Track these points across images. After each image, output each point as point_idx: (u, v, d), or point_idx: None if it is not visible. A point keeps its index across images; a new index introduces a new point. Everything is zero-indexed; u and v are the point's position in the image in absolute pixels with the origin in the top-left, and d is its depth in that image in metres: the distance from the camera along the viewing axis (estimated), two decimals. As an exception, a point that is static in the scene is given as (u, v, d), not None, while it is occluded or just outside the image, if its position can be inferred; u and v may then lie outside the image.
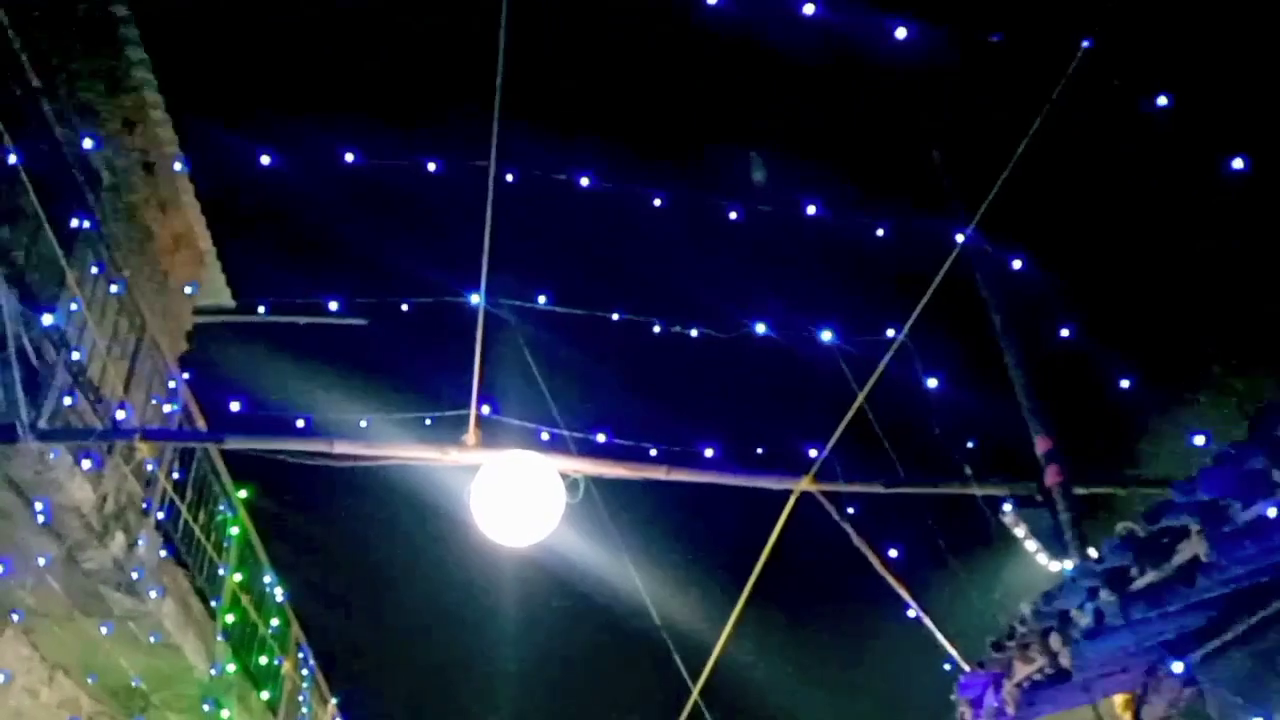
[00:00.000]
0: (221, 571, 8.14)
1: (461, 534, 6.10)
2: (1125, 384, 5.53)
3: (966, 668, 5.35)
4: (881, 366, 5.17)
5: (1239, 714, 4.14)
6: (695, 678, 8.91)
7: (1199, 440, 4.34)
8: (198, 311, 9.80)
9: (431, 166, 5.34)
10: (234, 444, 5.64)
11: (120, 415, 6.18)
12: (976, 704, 4.89)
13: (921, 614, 5.43)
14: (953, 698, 5.05)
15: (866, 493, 6.13)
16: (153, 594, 6.72)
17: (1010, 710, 4.61)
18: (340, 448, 5.43)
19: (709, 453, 5.68)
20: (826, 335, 5.53)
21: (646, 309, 5.80)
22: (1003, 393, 5.99)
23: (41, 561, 5.88)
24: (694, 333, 5.80)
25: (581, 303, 5.63)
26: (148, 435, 6.04)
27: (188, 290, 8.80)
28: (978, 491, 6.18)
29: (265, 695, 8.90)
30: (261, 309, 9.57)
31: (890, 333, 5.27)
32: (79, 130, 6.84)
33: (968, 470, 5.98)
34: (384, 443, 5.62)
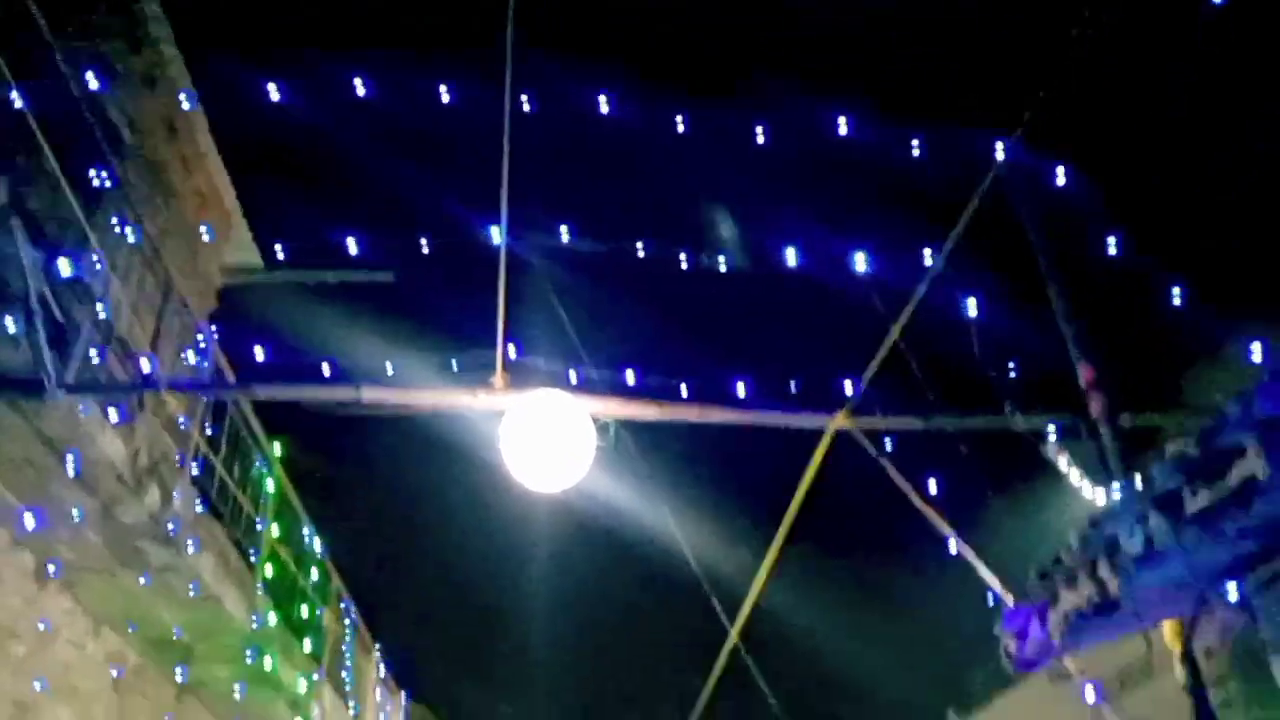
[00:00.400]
0: (259, 525, 8.19)
1: (496, 481, 6.04)
2: (1176, 302, 5.29)
3: (1010, 602, 5.23)
4: (919, 294, 4.99)
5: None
6: (733, 621, 8.88)
7: (1256, 354, 4.14)
8: (225, 271, 9.80)
9: (446, 98, 5.20)
10: (262, 394, 5.62)
11: (147, 369, 6.16)
12: (1021, 636, 4.77)
13: (963, 546, 5.31)
14: (996, 631, 4.93)
15: (904, 429, 5.99)
16: (190, 547, 6.75)
17: (1056, 640, 4.48)
18: (368, 395, 5.38)
19: (741, 389, 5.56)
20: (860, 262, 5.35)
21: (674, 242, 5.65)
22: (1045, 321, 5.79)
23: (76, 515, 5.91)
24: (722, 265, 5.66)
25: (607, 237, 5.50)
26: (175, 387, 6.02)
27: (214, 247, 8.77)
28: (1020, 425, 6.02)
29: (308, 646, 8.99)
30: (288, 267, 9.53)
31: (927, 258, 5.08)
32: (98, 85, 6.77)
33: (1009, 408, 5.81)
34: (412, 389, 5.56)
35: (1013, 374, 5.67)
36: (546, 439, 5.30)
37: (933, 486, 5.66)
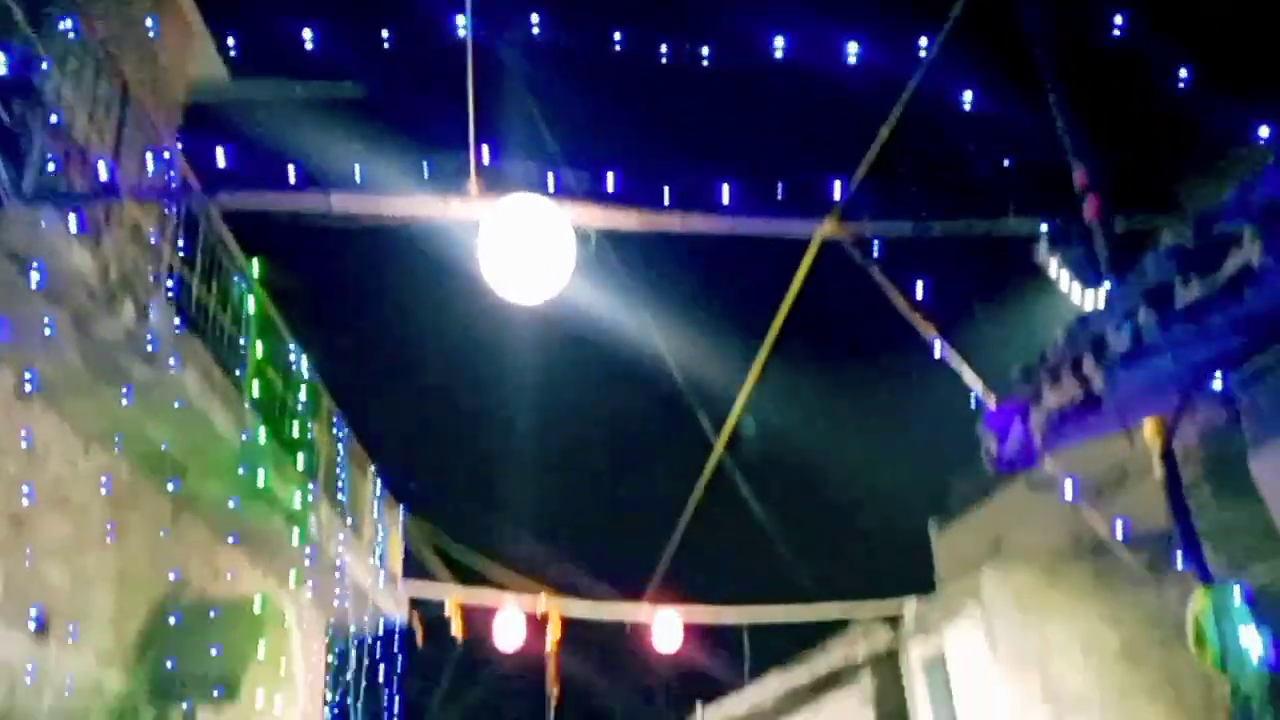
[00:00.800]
0: (242, 344, 8.13)
1: (481, 294, 5.92)
2: (1181, 86, 5.04)
3: (993, 405, 5.24)
4: (912, 85, 4.74)
5: (1278, 426, 3.99)
6: (719, 433, 9.01)
7: (1264, 132, 3.96)
8: (190, 85, 9.39)
9: None
10: (230, 203, 5.42)
11: (107, 177, 5.93)
12: (1002, 436, 4.79)
13: (948, 350, 5.27)
14: (978, 431, 4.95)
15: (893, 235, 5.85)
16: (172, 363, 6.71)
17: (1038, 439, 4.50)
18: (338, 204, 5.20)
19: (726, 194, 5.37)
20: (851, 53, 5.05)
21: (652, 33, 5.32)
22: (1041, 119, 5.55)
23: (48, 330, 5.81)
24: (705, 57, 5.35)
25: (581, 28, 5.17)
26: (139, 196, 5.81)
27: (176, 57, 8.36)
28: (1012, 229, 5.88)
29: (301, 463, 9.11)
30: (254, 78, 9.13)
31: (923, 48, 4.80)
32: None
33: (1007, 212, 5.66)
34: (384, 197, 5.37)
35: (1005, 175, 5.49)
36: (524, 248, 5.15)
37: (920, 292, 5.57)
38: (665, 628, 13.66)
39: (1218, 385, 4.12)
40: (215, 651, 7.85)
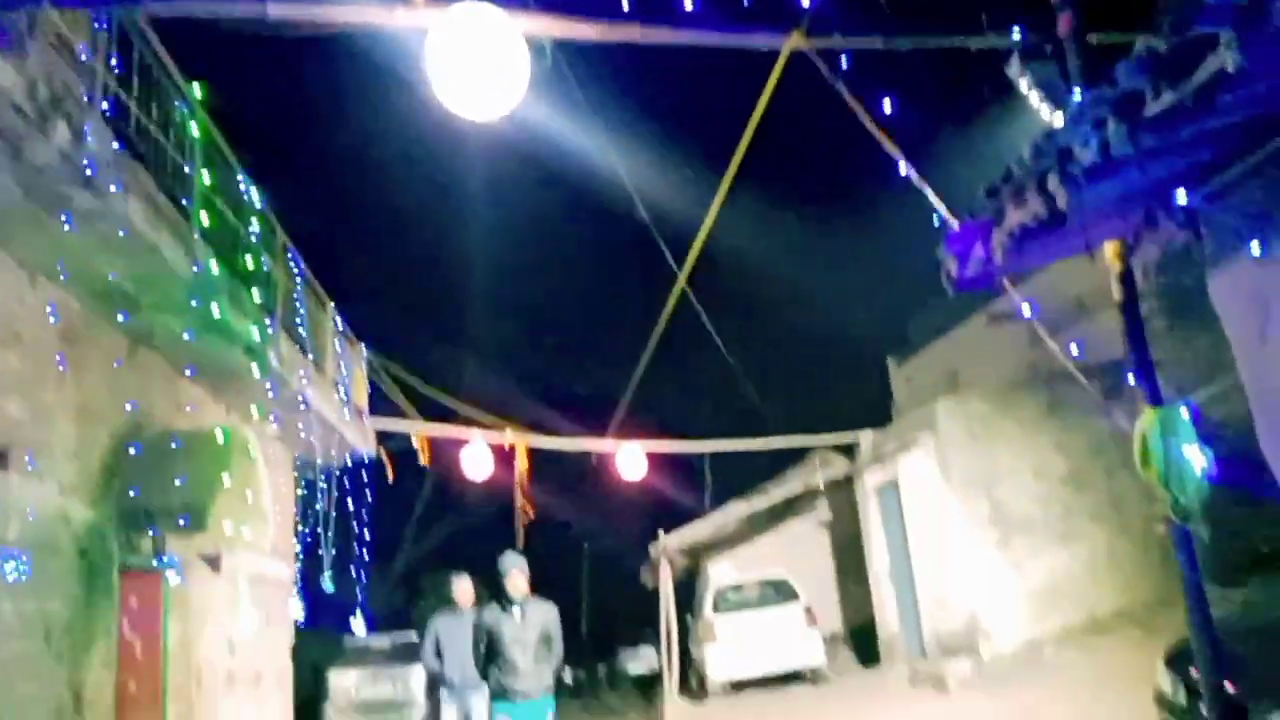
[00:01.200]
0: (188, 171, 7.83)
1: (434, 115, 5.66)
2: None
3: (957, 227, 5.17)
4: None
5: (1239, 244, 3.98)
6: (681, 264, 8.93)
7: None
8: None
9: None
10: (159, 8, 5.07)
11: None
12: (963, 258, 4.74)
13: (912, 172, 5.16)
14: (939, 254, 4.89)
15: (862, 48, 5.64)
16: (114, 190, 6.45)
17: (998, 259, 4.44)
18: (275, 10, 4.87)
19: (689, 2, 5.11)
20: None
21: None
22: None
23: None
24: None
25: None
26: (61, 3, 5.43)
27: None
28: (984, 43, 5.69)
29: (257, 296, 8.96)
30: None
31: None
32: None
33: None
34: (323, 4, 5.04)
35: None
36: (474, 60, 4.89)
37: (887, 107, 5.40)
38: (629, 458, 13.97)
39: (1183, 200, 4.06)
40: (180, 482, 7.90)
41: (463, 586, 9.67)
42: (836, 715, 12.55)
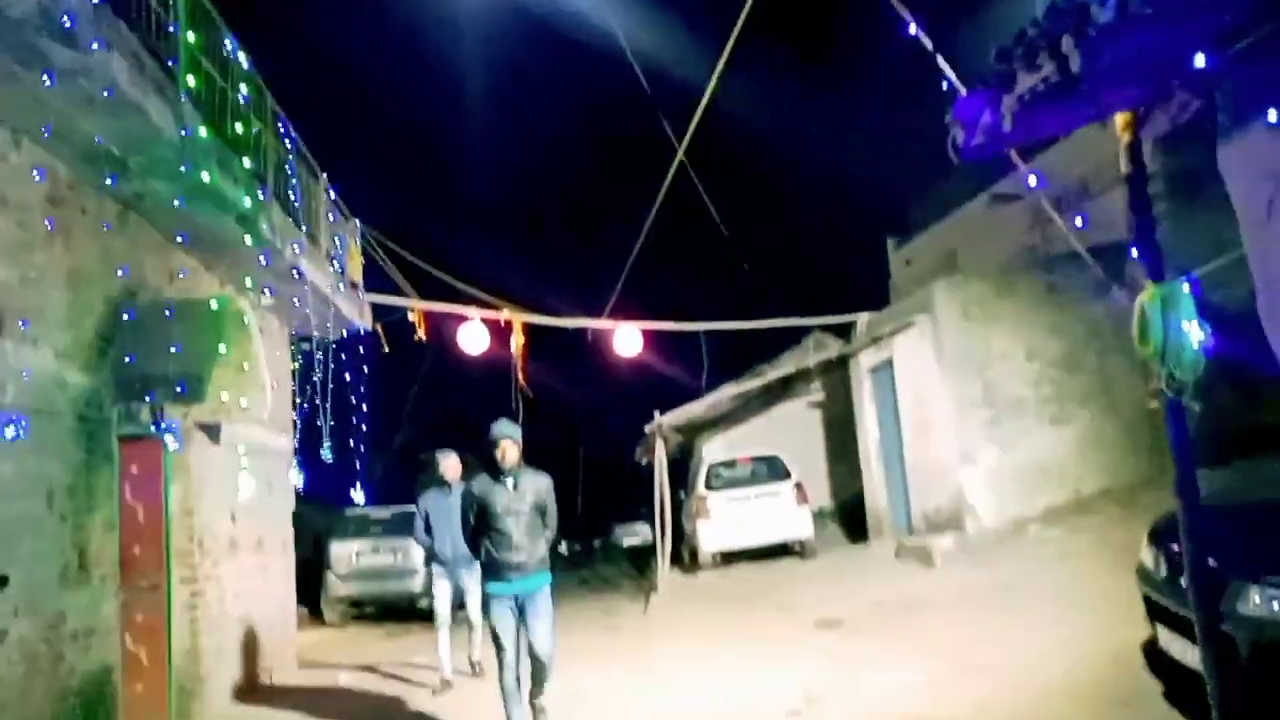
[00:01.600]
0: (173, 30, 7.55)
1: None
2: None
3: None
4: None
5: (1254, 114, 3.87)
6: (681, 137, 8.75)
7: None
8: None
9: None
10: None
11: None
12: (971, 125, 4.62)
13: (921, 33, 4.99)
14: (947, 120, 4.77)
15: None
16: (95, 46, 6.23)
17: (1007, 125, 4.33)
18: None
19: None
20: None
21: None
22: None
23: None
24: None
25: None
26: None
27: None
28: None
29: (248, 163, 8.77)
30: None
31: None
32: None
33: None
34: None
35: None
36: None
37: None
38: (625, 336, 14.00)
39: (1200, 63, 3.92)
40: (175, 350, 7.89)
41: (449, 463, 9.78)
42: (823, 585, 12.92)
